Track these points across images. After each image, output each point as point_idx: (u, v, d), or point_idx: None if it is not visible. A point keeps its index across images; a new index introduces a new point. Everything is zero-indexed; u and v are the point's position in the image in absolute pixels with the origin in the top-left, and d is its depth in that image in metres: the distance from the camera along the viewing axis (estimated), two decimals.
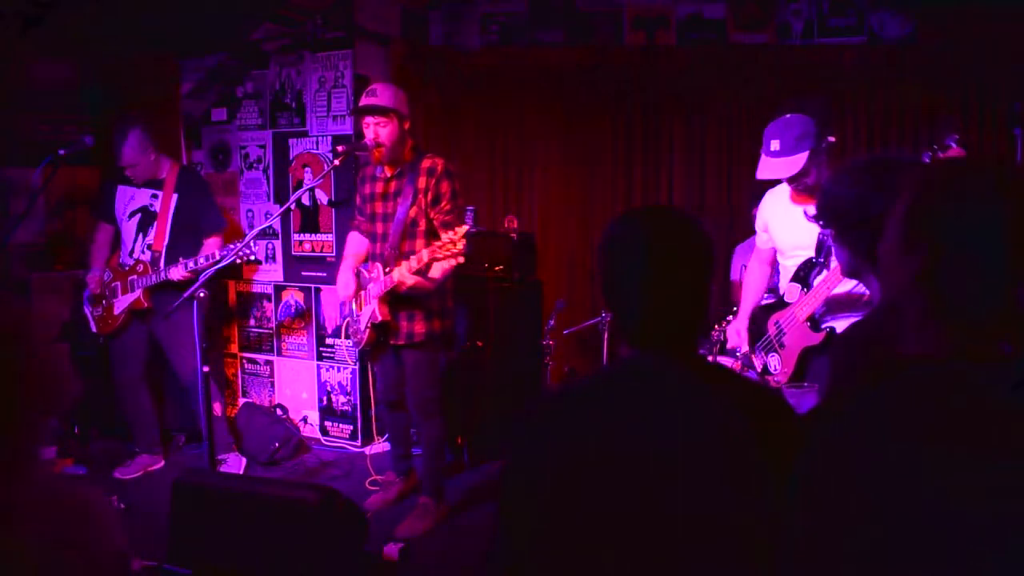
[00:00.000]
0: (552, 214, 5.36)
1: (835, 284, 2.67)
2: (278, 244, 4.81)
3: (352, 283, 3.52)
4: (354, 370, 4.57)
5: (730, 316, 3.60)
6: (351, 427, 4.64)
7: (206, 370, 3.14)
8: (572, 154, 5.29)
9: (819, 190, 1.84)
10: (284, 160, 4.74)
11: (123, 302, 4.07)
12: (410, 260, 3.21)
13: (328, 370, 4.72)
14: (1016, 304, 0.97)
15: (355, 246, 3.63)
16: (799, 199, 2.91)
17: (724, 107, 4.97)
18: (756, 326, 3.06)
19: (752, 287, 3.29)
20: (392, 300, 3.36)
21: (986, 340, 1.00)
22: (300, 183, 4.66)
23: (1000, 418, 0.93)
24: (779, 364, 2.89)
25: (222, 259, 3.47)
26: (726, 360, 3.53)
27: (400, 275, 3.22)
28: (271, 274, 4.86)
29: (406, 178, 3.39)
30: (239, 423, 4.50)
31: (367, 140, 3.35)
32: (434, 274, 3.26)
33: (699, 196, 5.12)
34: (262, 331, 4.92)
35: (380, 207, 3.46)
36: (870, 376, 1.04)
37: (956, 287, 1.01)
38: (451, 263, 3.19)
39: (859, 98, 4.73)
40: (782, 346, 2.88)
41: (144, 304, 4.03)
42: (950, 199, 1.03)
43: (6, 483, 1.08)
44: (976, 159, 2.11)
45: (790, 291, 2.88)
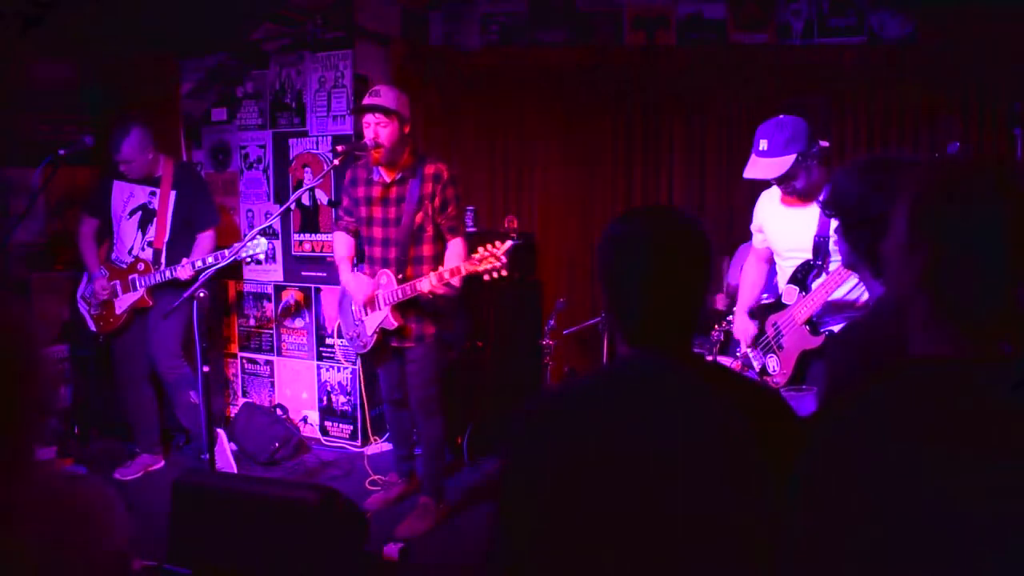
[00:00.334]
0: (552, 214, 5.36)
1: (833, 288, 2.66)
2: (278, 244, 4.81)
3: (369, 285, 3.46)
4: (354, 370, 4.58)
5: (730, 316, 3.59)
6: (351, 427, 4.64)
7: (206, 370, 3.14)
8: (572, 154, 5.29)
9: (830, 181, 1.85)
10: (284, 160, 4.74)
11: (125, 301, 4.06)
12: (441, 271, 3.23)
13: (328, 370, 4.71)
14: (1016, 304, 0.97)
15: (346, 247, 3.64)
16: (789, 201, 2.89)
17: (724, 107, 4.96)
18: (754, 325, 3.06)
19: (750, 284, 3.24)
20: (402, 304, 3.38)
21: (986, 340, 1.00)
22: (300, 183, 4.66)
23: (1000, 418, 0.93)
24: (778, 365, 2.88)
25: (228, 258, 3.51)
26: (726, 360, 3.53)
27: (431, 285, 3.24)
28: (271, 274, 4.87)
29: (409, 183, 3.39)
30: (239, 423, 4.50)
31: (366, 140, 3.35)
32: (456, 281, 3.29)
33: (699, 196, 5.12)
34: (262, 331, 4.93)
35: (380, 212, 3.46)
36: (875, 378, 1.04)
37: (958, 287, 1.01)
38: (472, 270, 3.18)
39: (859, 98, 4.71)
40: (780, 348, 2.87)
41: (148, 303, 4.03)
42: (950, 199, 1.03)
43: (6, 483, 1.08)
44: (977, 159, 2.11)
45: (788, 293, 2.86)
